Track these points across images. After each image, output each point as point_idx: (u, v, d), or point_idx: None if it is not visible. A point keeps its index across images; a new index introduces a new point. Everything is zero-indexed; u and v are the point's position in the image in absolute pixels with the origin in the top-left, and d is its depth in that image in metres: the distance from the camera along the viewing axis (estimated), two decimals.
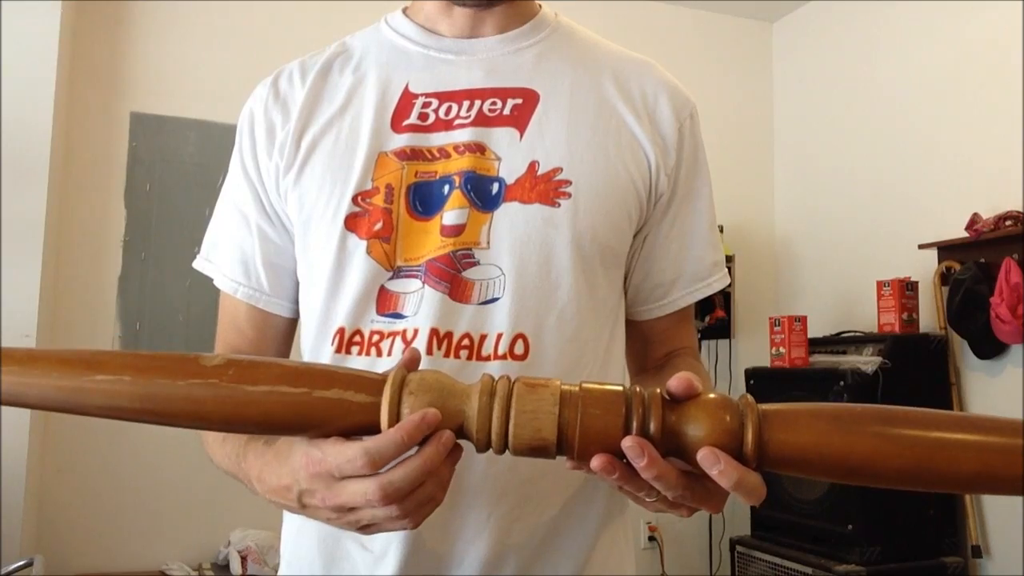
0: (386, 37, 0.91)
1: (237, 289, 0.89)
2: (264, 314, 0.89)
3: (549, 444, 0.57)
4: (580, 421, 0.56)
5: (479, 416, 0.58)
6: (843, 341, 3.07)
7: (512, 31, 0.89)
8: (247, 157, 0.89)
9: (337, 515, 0.63)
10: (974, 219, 2.78)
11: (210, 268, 0.92)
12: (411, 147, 0.83)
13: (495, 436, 0.58)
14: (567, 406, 0.57)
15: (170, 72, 3.02)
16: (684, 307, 0.92)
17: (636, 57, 0.93)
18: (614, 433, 0.56)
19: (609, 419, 0.56)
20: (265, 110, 0.89)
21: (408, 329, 0.79)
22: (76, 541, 2.77)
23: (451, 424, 0.59)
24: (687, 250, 0.91)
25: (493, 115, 0.84)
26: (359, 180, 0.82)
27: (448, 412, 0.59)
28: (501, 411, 0.58)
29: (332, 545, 0.82)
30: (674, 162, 0.88)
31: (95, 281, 2.89)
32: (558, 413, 0.57)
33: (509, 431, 0.57)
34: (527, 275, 0.80)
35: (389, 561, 0.79)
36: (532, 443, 0.57)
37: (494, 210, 0.81)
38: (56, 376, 0.59)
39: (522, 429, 0.57)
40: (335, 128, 0.85)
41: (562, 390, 0.58)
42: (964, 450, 0.55)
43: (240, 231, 0.89)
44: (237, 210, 0.90)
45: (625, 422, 0.56)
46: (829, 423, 0.56)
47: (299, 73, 0.90)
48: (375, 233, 0.81)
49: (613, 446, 0.56)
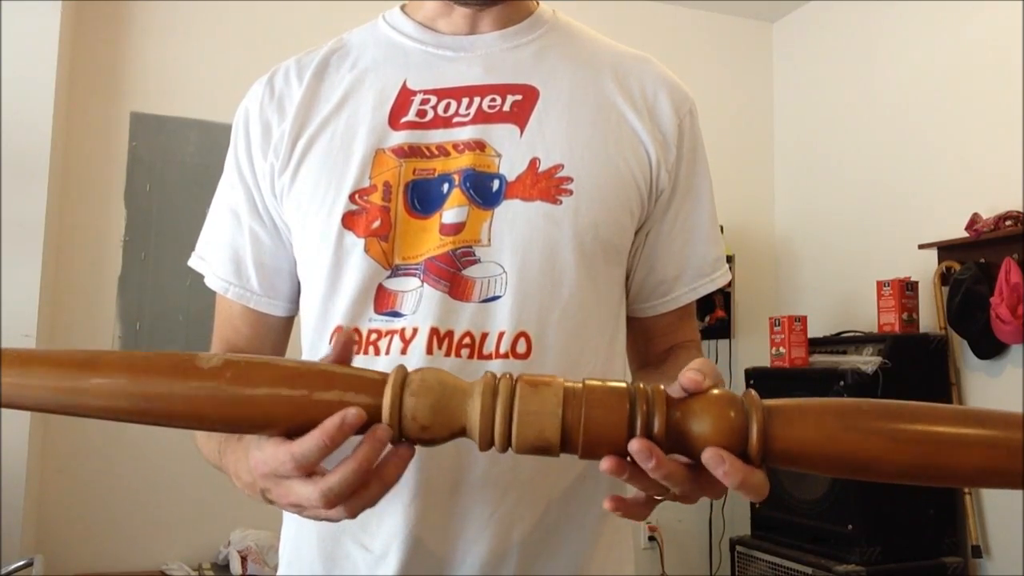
0: (384, 34, 0.90)
1: (228, 289, 0.89)
2: (257, 313, 0.90)
3: (552, 445, 0.57)
4: (584, 421, 0.56)
5: (482, 417, 0.58)
6: (843, 341, 3.07)
7: (511, 28, 0.88)
8: (242, 157, 0.89)
9: (297, 510, 0.64)
10: (974, 219, 2.78)
11: (203, 266, 0.92)
12: (409, 144, 0.83)
13: (498, 436, 0.58)
14: (570, 406, 0.57)
15: (170, 72, 3.02)
16: (687, 303, 0.92)
17: (635, 53, 0.93)
18: (619, 432, 0.56)
19: (613, 418, 0.56)
20: (261, 109, 0.88)
21: (407, 328, 0.79)
22: (76, 541, 2.77)
23: (454, 424, 0.59)
24: (690, 246, 0.91)
25: (493, 111, 0.84)
26: (356, 177, 0.82)
27: (450, 412, 0.59)
28: (504, 412, 0.57)
29: (332, 546, 0.82)
30: (675, 158, 0.88)
31: (95, 281, 2.89)
32: (561, 414, 0.57)
33: (512, 432, 0.57)
34: (529, 273, 0.80)
35: (390, 561, 0.78)
36: (536, 443, 0.57)
37: (495, 207, 0.81)
38: (53, 379, 0.58)
39: (526, 429, 0.57)
40: (331, 126, 0.85)
41: (565, 388, 0.57)
42: (968, 446, 0.55)
43: (232, 231, 0.89)
44: (230, 210, 0.90)
45: (629, 420, 0.56)
46: (834, 419, 0.56)
47: (295, 71, 0.89)
48: (373, 231, 0.80)
49: (618, 444, 0.56)
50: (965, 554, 2.78)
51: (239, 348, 0.90)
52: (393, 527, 0.78)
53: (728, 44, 3.88)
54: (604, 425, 0.56)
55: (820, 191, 3.63)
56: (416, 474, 0.77)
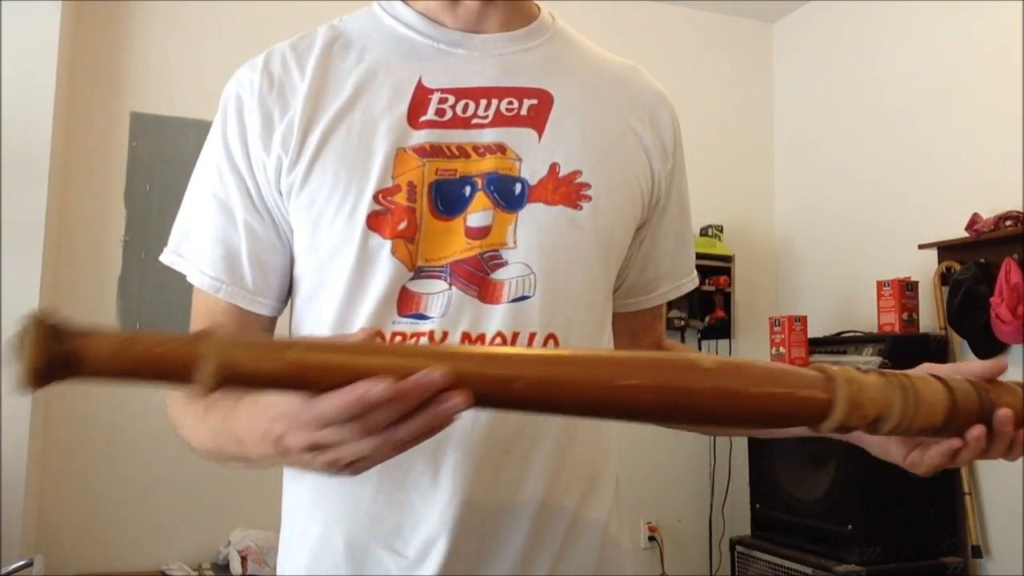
0: (387, 25, 0.87)
1: (219, 287, 0.84)
2: (244, 312, 0.84)
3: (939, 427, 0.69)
4: (957, 405, 0.69)
5: (901, 409, 0.67)
6: (843, 341, 3.07)
7: (518, 29, 0.88)
8: (234, 146, 0.83)
9: (311, 456, 0.61)
10: (974, 219, 2.78)
11: (182, 263, 0.86)
12: (431, 144, 0.81)
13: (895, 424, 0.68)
14: (956, 393, 0.69)
15: (170, 72, 3.02)
16: (665, 301, 0.99)
17: (625, 62, 0.95)
18: (975, 410, 0.69)
19: (973, 401, 0.70)
20: (259, 97, 0.83)
21: (436, 331, 0.79)
22: (76, 541, 2.77)
23: (872, 410, 0.66)
24: (677, 247, 0.96)
25: (511, 115, 0.84)
26: (380, 177, 0.80)
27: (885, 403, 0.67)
28: (910, 403, 0.67)
29: (360, 552, 0.80)
30: (671, 166, 0.93)
31: (95, 281, 2.89)
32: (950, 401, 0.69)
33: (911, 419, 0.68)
34: (556, 276, 0.81)
35: (429, 565, 0.78)
36: (926, 426, 0.69)
37: (519, 210, 0.81)
38: (584, 380, 0.60)
39: (925, 415, 0.68)
40: (346, 122, 0.81)
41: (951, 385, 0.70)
42: None
43: (223, 225, 0.84)
44: (218, 203, 0.84)
45: (980, 402, 0.70)
46: None
47: (293, 58, 0.85)
48: (400, 233, 0.79)
49: (972, 420, 0.69)
50: (965, 554, 2.78)
51: None
52: (430, 531, 0.78)
53: (728, 44, 3.88)
54: (970, 405, 0.70)
55: (820, 191, 3.63)
56: (452, 479, 0.78)
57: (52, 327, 0.52)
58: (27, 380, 0.51)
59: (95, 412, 2.82)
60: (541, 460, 0.81)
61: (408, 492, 0.79)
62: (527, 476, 0.80)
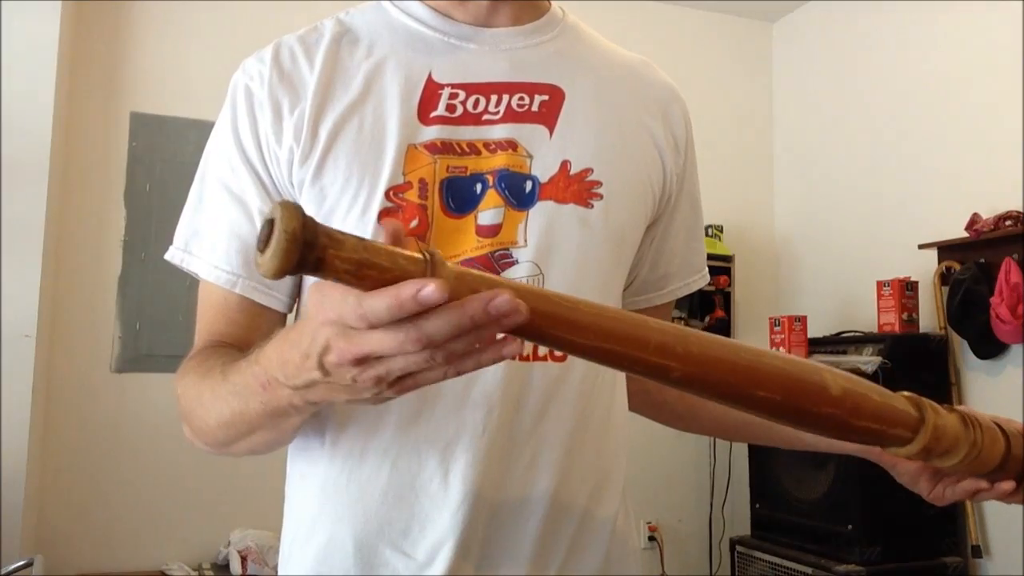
0: (396, 19, 0.86)
1: (236, 282, 0.82)
2: (259, 307, 0.83)
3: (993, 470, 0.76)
4: (1010, 456, 0.77)
5: (969, 447, 0.72)
6: (843, 341, 3.07)
7: (528, 24, 0.87)
8: (246, 138, 0.82)
9: (359, 371, 0.54)
10: (974, 219, 2.78)
11: (193, 261, 0.85)
12: (441, 140, 0.81)
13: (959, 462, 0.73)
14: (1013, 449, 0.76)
15: (170, 72, 3.02)
16: (676, 298, 0.98)
17: (638, 57, 0.94)
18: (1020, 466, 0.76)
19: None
20: (270, 88, 0.81)
21: None
22: (76, 541, 2.77)
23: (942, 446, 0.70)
24: (688, 243, 0.96)
25: (522, 111, 0.83)
26: (391, 174, 0.79)
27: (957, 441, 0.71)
28: (973, 454, 0.72)
29: (369, 553, 0.79)
30: (683, 163, 0.92)
31: (95, 281, 2.89)
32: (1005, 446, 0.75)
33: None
34: (565, 275, 0.81)
35: (437, 566, 0.78)
36: (983, 468, 0.76)
37: (529, 208, 0.81)
38: (727, 384, 0.60)
39: (987, 455, 0.74)
40: (357, 115, 0.80)
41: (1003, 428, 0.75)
42: None
43: (238, 219, 0.82)
44: (232, 196, 0.82)
45: None
46: None
47: (302, 51, 0.83)
48: (411, 230, 0.78)
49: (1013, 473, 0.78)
50: (965, 554, 2.78)
51: (232, 341, 0.84)
52: (439, 533, 0.78)
53: (728, 44, 3.88)
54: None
55: (820, 191, 3.63)
56: (462, 481, 0.78)
57: (309, 226, 0.48)
58: (272, 273, 0.48)
59: (95, 412, 2.82)
60: (551, 462, 0.81)
61: (418, 493, 0.79)
62: (537, 478, 0.81)
